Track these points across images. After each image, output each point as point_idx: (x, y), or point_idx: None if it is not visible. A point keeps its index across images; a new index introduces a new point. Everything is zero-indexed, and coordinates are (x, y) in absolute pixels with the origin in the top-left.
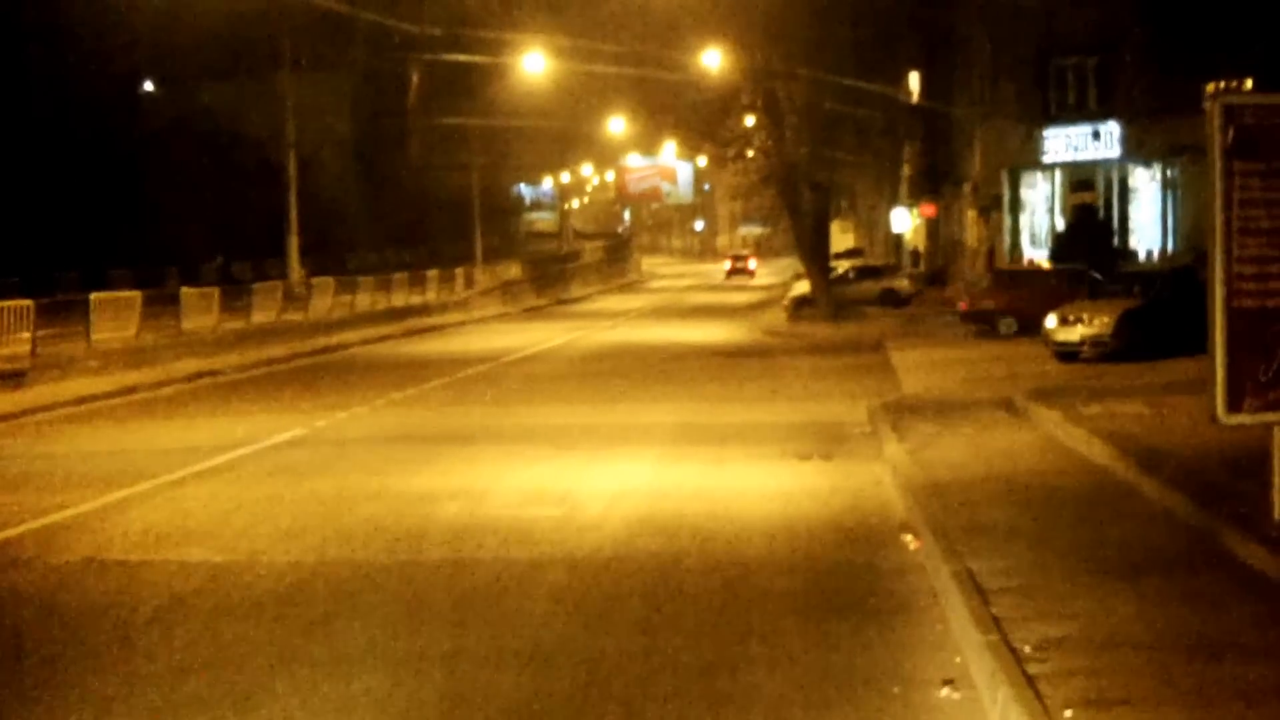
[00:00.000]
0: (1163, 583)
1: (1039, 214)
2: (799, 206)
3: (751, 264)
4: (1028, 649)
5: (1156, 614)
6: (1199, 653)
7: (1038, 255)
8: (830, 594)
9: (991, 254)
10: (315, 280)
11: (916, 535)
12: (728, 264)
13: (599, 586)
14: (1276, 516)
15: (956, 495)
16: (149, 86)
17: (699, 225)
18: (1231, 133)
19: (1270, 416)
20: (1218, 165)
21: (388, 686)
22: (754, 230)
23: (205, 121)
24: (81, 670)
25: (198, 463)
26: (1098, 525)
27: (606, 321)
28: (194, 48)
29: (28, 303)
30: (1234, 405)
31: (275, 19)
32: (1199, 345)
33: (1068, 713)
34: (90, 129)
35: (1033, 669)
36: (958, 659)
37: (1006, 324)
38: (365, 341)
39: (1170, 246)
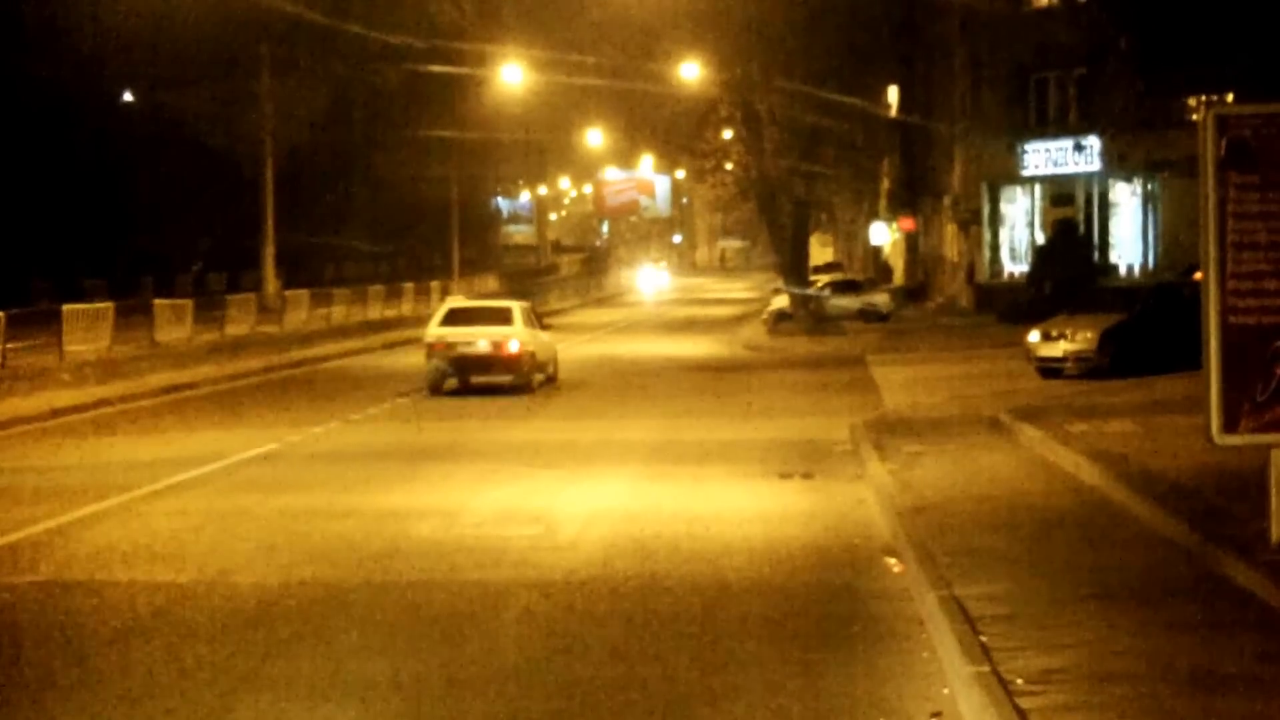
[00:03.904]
0: (1159, 610)
1: (1019, 228)
2: (778, 220)
3: (662, 264)
4: (1020, 681)
5: (1154, 644)
6: (1199, 685)
7: (1018, 270)
8: (813, 619)
9: (971, 268)
10: (290, 292)
11: (900, 558)
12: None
13: (574, 610)
14: (1274, 540)
15: (941, 517)
16: (128, 97)
17: (677, 239)
18: (1224, 144)
19: (1267, 438)
20: (1210, 178)
21: (353, 713)
22: (733, 244)
23: (183, 132)
24: (36, 695)
25: (167, 478)
26: (1090, 549)
27: (584, 335)
28: (173, 57)
29: None
30: (1229, 426)
31: (255, 29)
32: (1183, 362)
33: None
34: (67, 138)
35: (1025, 703)
36: (945, 690)
37: None
38: (341, 354)
39: (1151, 262)
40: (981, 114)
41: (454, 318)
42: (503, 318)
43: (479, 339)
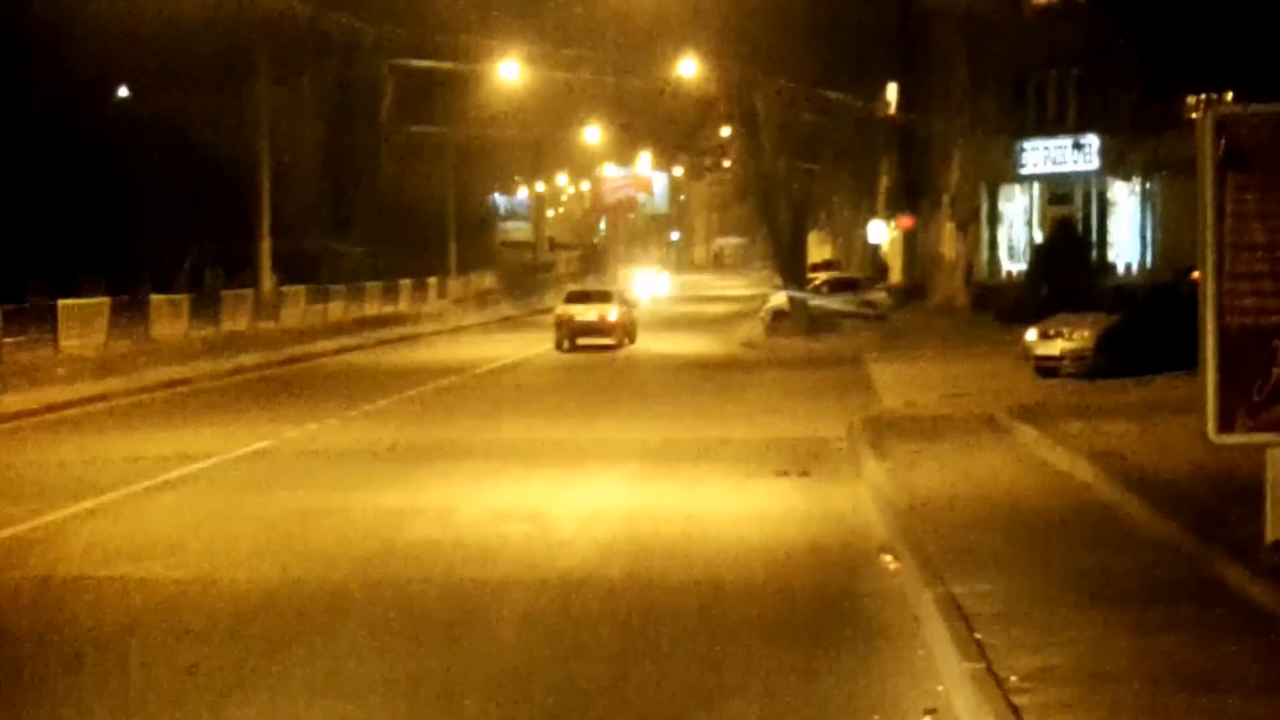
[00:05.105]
0: (1154, 611)
1: (1017, 227)
2: (775, 219)
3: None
4: (1014, 679)
5: (1148, 644)
6: (1193, 686)
7: (1016, 269)
8: (808, 619)
9: (969, 267)
10: (286, 289)
11: (897, 558)
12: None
13: (569, 610)
14: (1269, 541)
15: (938, 516)
16: (123, 92)
17: (675, 236)
18: (1223, 145)
19: (1263, 438)
20: (1209, 178)
21: (349, 712)
22: (730, 241)
23: (178, 128)
24: (29, 693)
25: (163, 474)
26: (1085, 549)
27: None
28: (168, 54)
29: None
30: (1226, 425)
31: (251, 26)
32: (1181, 362)
33: None
34: (65, 137)
35: (1019, 700)
36: (940, 688)
37: None
38: (337, 351)
39: (1149, 261)
40: (980, 113)
41: (572, 298)
42: (606, 298)
43: (590, 312)
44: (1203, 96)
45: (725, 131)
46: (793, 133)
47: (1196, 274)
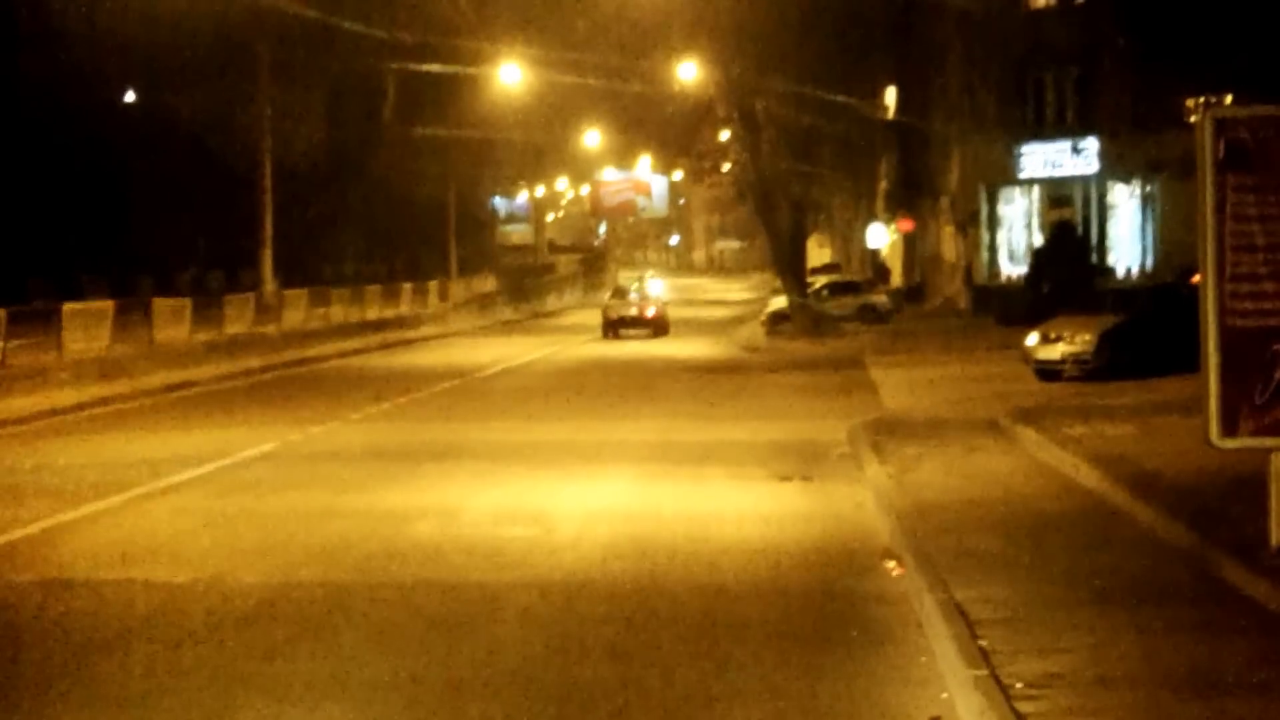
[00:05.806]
0: (1159, 614)
1: (1017, 230)
2: (775, 221)
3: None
4: (1019, 685)
5: (1154, 648)
6: (1200, 690)
7: (1016, 271)
8: (812, 622)
9: (969, 270)
10: (288, 292)
11: (900, 561)
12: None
13: (573, 610)
14: (1274, 544)
15: (941, 520)
16: (126, 96)
17: (674, 239)
18: (1223, 146)
19: (1266, 441)
20: (1209, 180)
21: (352, 714)
22: (730, 245)
23: (179, 129)
24: (33, 696)
25: (167, 477)
26: (1089, 553)
27: (582, 335)
28: (169, 55)
29: None
30: (1228, 429)
31: (253, 28)
32: (1182, 364)
33: None
34: (63, 136)
35: (1024, 707)
36: (944, 694)
37: None
38: (339, 354)
39: (1149, 263)
40: (978, 114)
41: (616, 295)
42: (645, 296)
43: (632, 308)
44: (1201, 98)
45: (725, 134)
46: (792, 135)
47: (1197, 277)
